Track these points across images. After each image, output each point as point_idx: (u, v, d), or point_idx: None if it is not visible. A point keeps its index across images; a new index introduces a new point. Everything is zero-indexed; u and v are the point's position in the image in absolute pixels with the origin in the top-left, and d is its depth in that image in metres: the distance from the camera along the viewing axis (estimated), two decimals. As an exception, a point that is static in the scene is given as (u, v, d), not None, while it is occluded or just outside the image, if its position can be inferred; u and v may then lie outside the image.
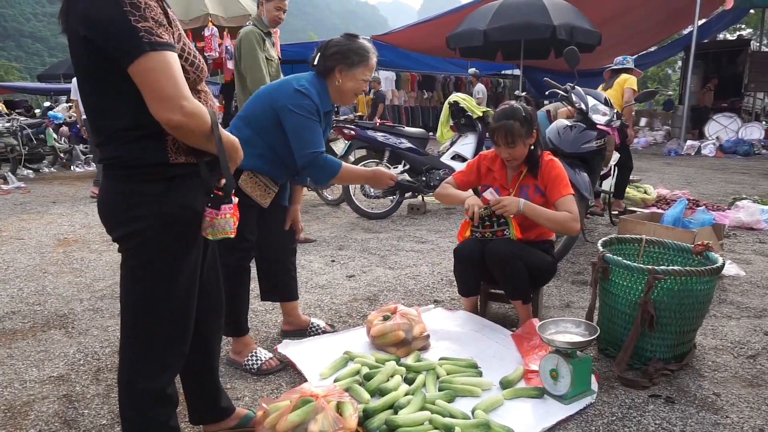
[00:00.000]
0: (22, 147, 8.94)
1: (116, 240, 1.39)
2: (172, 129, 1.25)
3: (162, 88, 1.21)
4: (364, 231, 4.92)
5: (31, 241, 4.65)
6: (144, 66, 1.20)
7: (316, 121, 2.16)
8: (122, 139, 1.30)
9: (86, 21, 1.21)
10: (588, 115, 3.81)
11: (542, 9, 9.03)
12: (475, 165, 2.77)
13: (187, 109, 1.23)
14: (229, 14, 7.74)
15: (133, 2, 1.20)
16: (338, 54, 2.20)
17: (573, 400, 1.99)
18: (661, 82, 28.69)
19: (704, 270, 2.17)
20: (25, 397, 2.14)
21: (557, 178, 2.53)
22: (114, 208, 1.36)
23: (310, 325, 2.66)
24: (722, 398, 2.06)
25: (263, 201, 2.29)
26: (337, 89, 2.24)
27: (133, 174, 1.33)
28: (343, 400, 1.77)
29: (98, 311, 3.03)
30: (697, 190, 6.72)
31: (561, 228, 2.49)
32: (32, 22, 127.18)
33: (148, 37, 1.19)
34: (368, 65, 2.23)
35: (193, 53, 1.39)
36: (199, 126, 1.27)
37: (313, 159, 2.13)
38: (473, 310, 2.76)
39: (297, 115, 2.13)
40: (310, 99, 2.14)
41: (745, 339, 2.57)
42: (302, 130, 2.13)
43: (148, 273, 1.38)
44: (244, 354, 2.33)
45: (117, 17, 1.18)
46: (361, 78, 2.23)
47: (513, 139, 2.47)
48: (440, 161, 5.62)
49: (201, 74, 1.41)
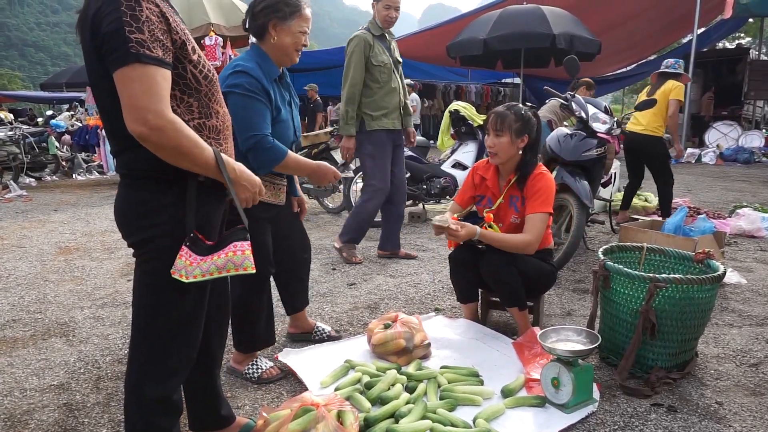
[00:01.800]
0: (25, 155, 8.97)
1: (131, 245, 1.43)
2: (140, 140, 1.26)
3: (135, 97, 1.22)
4: (364, 239, 4.91)
5: (32, 249, 4.65)
6: (126, 75, 1.22)
7: (258, 100, 2.01)
8: (138, 148, 1.31)
9: (92, 28, 1.26)
10: (588, 123, 3.83)
11: (542, 18, 9.07)
12: (470, 178, 2.75)
13: (152, 123, 1.22)
14: (230, 23, 7.80)
15: (134, 14, 1.23)
16: (267, 8, 2.04)
17: (575, 408, 1.98)
18: (661, 91, 28.75)
19: (706, 278, 2.17)
20: (25, 405, 2.14)
21: (538, 192, 2.50)
22: (129, 215, 1.39)
23: (315, 329, 2.66)
24: (725, 407, 2.05)
25: (278, 199, 2.23)
26: (276, 48, 2.08)
27: (149, 184, 1.36)
28: (344, 408, 1.76)
29: (99, 319, 3.03)
30: (697, 197, 6.72)
31: (517, 252, 2.46)
32: (35, 32, 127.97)
33: (137, 48, 1.22)
34: (302, 15, 2.06)
35: (207, 66, 1.43)
36: (168, 141, 1.25)
37: (256, 142, 2.00)
38: (474, 318, 2.76)
39: (235, 96, 1.99)
40: (248, 74, 2.01)
41: (748, 347, 2.56)
42: (242, 110, 1.99)
43: (161, 279, 1.39)
44: (245, 363, 2.32)
45: (115, 25, 1.22)
46: (297, 30, 2.06)
47: (502, 127, 2.47)
48: (441, 169, 5.63)
49: (213, 87, 1.44)
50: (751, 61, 14.18)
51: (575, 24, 9.38)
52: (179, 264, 1.33)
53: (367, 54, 3.71)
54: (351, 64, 3.73)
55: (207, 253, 1.36)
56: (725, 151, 11.11)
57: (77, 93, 16.47)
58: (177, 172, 1.35)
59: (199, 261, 1.34)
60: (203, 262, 1.34)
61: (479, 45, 9.24)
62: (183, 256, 1.34)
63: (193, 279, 1.33)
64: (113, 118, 1.33)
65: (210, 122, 1.43)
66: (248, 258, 1.39)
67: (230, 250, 1.38)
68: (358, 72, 3.72)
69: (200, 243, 1.37)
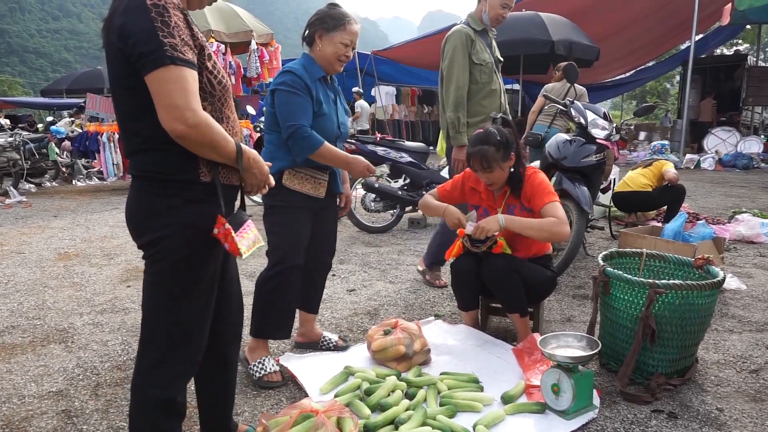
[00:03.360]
0: (25, 161, 8.98)
1: (140, 247, 1.45)
2: (178, 138, 1.31)
3: (172, 97, 1.28)
4: (364, 245, 4.92)
5: (31, 255, 4.65)
6: (161, 76, 1.27)
7: (300, 95, 2.21)
8: (149, 152, 1.38)
9: (121, 32, 1.30)
10: (587, 129, 3.84)
11: (541, 25, 9.13)
12: (460, 181, 2.73)
13: (191, 120, 1.29)
14: (231, 30, 7.85)
15: (164, 20, 1.29)
16: (317, 20, 2.28)
17: (575, 415, 1.98)
18: (659, 97, 28.86)
19: (705, 284, 2.17)
20: (24, 412, 2.13)
21: (538, 187, 2.48)
22: (139, 215, 1.43)
23: (322, 339, 2.66)
24: (725, 413, 2.04)
25: (317, 192, 2.37)
26: (321, 55, 2.29)
27: (160, 185, 1.39)
28: (344, 415, 1.76)
29: (98, 325, 3.02)
30: (696, 203, 6.72)
31: (549, 234, 2.40)
32: (36, 38, 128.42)
33: (171, 52, 1.28)
34: (346, 29, 2.27)
35: (221, 73, 1.48)
36: (204, 137, 1.33)
37: (294, 130, 2.19)
38: (474, 325, 2.75)
39: (279, 92, 2.23)
40: (293, 74, 2.23)
41: (748, 353, 2.56)
42: (285, 104, 2.22)
43: (168, 280, 1.43)
44: (255, 356, 2.35)
45: (147, 29, 1.28)
46: (339, 41, 2.26)
47: (489, 164, 2.43)
48: (440, 175, 5.64)
49: (226, 93, 1.49)
50: (749, 67, 14.24)
51: (574, 30, 9.43)
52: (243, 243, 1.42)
53: (468, 50, 3.31)
54: (454, 63, 3.29)
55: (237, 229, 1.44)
56: (724, 157, 11.13)
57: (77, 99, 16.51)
58: (185, 175, 1.39)
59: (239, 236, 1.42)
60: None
61: (478, 51, 9.28)
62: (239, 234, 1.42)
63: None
64: (134, 120, 1.39)
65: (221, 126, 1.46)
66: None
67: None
68: (462, 72, 3.29)
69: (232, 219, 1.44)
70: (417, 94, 17.26)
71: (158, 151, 1.37)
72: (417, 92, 17.25)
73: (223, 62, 7.49)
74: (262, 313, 2.36)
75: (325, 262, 2.61)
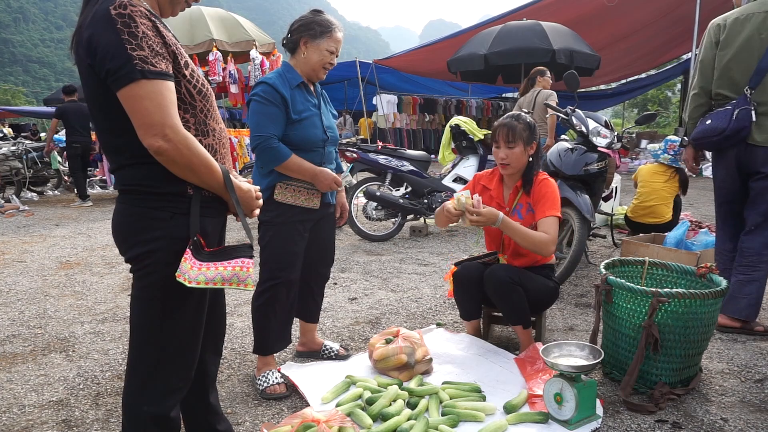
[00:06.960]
0: (27, 170, 9.01)
1: (128, 261, 1.42)
2: (156, 155, 1.27)
3: (149, 114, 1.23)
4: (366, 253, 4.92)
5: (33, 264, 4.65)
6: (134, 92, 1.23)
7: (271, 104, 2.18)
8: (135, 166, 1.33)
9: (88, 46, 1.25)
10: (589, 137, 3.84)
11: (542, 34, 9.16)
12: (471, 186, 2.77)
13: (170, 137, 1.25)
14: (233, 39, 7.89)
15: (131, 31, 1.23)
16: (302, 26, 2.25)
17: (578, 425, 1.96)
18: (661, 105, 28.91)
19: (708, 293, 2.16)
20: (24, 422, 2.12)
21: (546, 197, 2.50)
22: (127, 229, 1.39)
23: (323, 348, 2.65)
24: (730, 423, 2.03)
25: (311, 203, 2.34)
26: (304, 62, 2.27)
27: (145, 199, 1.36)
28: (345, 425, 1.75)
29: (99, 334, 3.02)
30: (699, 211, 6.72)
31: (533, 247, 2.40)
32: (40, 48, 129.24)
33: (141, 65, 1.23)
34: (332, 36, 2.25)
35: (201, 81, 1.42)
36: (182, 155, 1.28)
37: (261, 142, 2.18)
38: (476, 334, 2.74)
39: (252, 103, 2.23)
40: (266, 84, 2.20)
41: (752, 362, 2.54)
42: (254, 114, 2.21)
43: (158, 294, 1.38)
44: (263, 371, 2.36)
45: (113, 43, 1.22)
46: (325, 49, 2.24)
47: (514, 138, 2.47)
48: (442, 183, 5.65)
49: (208, 103, 1.44)
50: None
51: (575, 39, 9.46)
52: (184, 267, 1.31)
53: None
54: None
55: (207, 260, 1.35)
56: (726, 165, 11.10)
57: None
58: (172, 188, 1.35)
59: (200, 267, 1.32)
60: (208, 270, 1.32)
61: (480, 60, 9.32)
62: (187, 260, 1.32)
63: (196, 285, 1.30)
64: (110, 136, 1.34)
65: (206, 141, 1.42)
66: (251, 276, 1.39)
67: (238, 264, 1.36)
68: None
69: (201, 249, 1.37)
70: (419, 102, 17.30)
71: (144, 165, 1.32)
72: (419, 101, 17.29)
73: (223, 71, 7.52)
74: (258, 329, 2.36)
75: (322, 272, 2.61)
